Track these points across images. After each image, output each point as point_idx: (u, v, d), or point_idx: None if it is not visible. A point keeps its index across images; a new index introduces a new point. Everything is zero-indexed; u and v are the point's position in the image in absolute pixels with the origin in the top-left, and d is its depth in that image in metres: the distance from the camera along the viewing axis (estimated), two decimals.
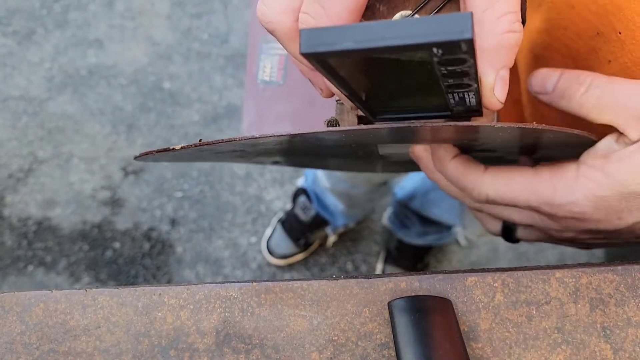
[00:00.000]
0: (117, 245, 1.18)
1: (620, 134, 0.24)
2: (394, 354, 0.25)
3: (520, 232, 0.30)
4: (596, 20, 0.27)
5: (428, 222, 0.98)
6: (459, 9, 0.21)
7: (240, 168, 1.24)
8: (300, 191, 1.11)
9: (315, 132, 0.21)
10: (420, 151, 0.28)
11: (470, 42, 0.14)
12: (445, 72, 0.17)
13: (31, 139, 1.26)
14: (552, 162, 0.26)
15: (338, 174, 0.83)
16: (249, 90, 0.37)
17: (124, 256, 1.17)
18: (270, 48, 0.37)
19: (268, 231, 1.17)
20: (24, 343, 0.26)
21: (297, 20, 0.19)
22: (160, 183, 1.22)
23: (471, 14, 0.14)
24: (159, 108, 1.29)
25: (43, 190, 1.21)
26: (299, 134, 0.20)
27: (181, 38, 1.36)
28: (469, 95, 0.19)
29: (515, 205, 0.26)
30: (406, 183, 0.98)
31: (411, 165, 0.32)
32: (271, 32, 0.21)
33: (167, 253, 1.17)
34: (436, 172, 0.28)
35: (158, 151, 0.22)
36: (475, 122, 0.21)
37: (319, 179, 0.96)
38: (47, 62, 1.33)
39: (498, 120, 0.24)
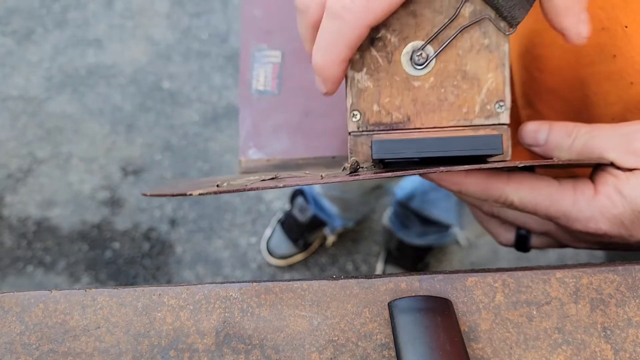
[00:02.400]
0: (116, 245, 1.18)
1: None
2: (394, 354, 0.25)
3: (534, 241, 0.31)
4: (602, 14, 0.27)
5: (428, 222, 0.98)
6: (471, 36, 0.24)
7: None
8: (298, 192, 1.11)
9: (338, 181, 0.22)
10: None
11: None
12: None
13: (30, 139, 1.26)
14: (575, 178, 0.27)
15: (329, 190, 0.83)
16: (244, 101, 0.36)
17: (124, 256, 1.17)
18: (263, 56, 0.36)
19: (267, 232, 1.17)
20: (24, 343, 0.26)
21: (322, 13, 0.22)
22: (160, 183, 1.22)
23: (501, 136, 0.22)
24: (159, 108, 1.29)
25: (42, 190, 1.21)
26: (322, 182, 0.21)
27: (181, 37, 1.36)
28: None
29: (535, 213, 0.27)
30: (405, 183, 0.98)
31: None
32: (299, 12, 0.23)
33: (167, 253, 1.17)
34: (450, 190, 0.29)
35: (173, 195, 0.22)
36: (500, 164, 0.23)
37: (313, 187, 0.95)
38: (46, 62, 1.33)
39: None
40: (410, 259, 1.12)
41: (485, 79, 0.24)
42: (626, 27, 0.26)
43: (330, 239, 1.16)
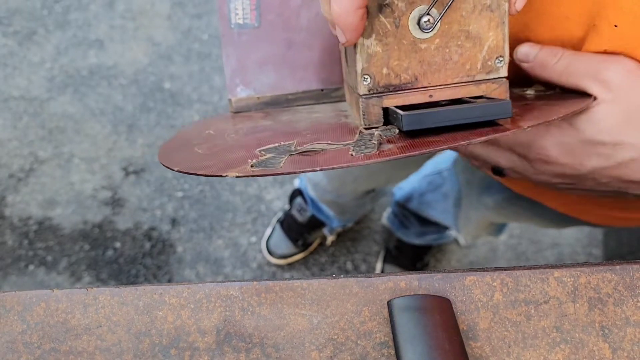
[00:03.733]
0: (117, 244, 1.18)
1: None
2: (393, 352, 0.25)
3: (506, 171, 0.35)
4: (594, 10, 0.28)
5: (426, 223, 0.99)
6: None
7: None
8: (297, 192, 1.11)
9: (372, 162, 0.22)
10: None
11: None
12: None
13: (32, 139, 1.26)
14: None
15: (323, 186, 0.83)
16: (225, 37, 0.35)
17: (125, 256, 1.17)
18: None
19: (268, 231, 1.17)
20: (25, 342, 0.26)
21: None
22: (160, 183, 1.22)
23: (510, 102, 0.24)
24: (160, 108, 1.29)
25: (44, 190, 1.21)
26: (358, 163, 0.22)
27: (181, 38, 1.36)
28: None
29: (498, 147, 0.31)
30: (404, 184, 0.98)
31: None
32: None
33: (168, 253, 1.17)
34: None
35: (207, 175, 0.22)
36: (508, 130, 0.24)
37: (308, 189, 0.95)
38: (47, 63, 1.33)
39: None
40: (410, 258, 1.12)
41: (486, 37, 0.25)
42: (616, 26, 0.27)
43: (330, 238, 1.16)
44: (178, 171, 0.23)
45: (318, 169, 0.21)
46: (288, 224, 1.12)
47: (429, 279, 0.26)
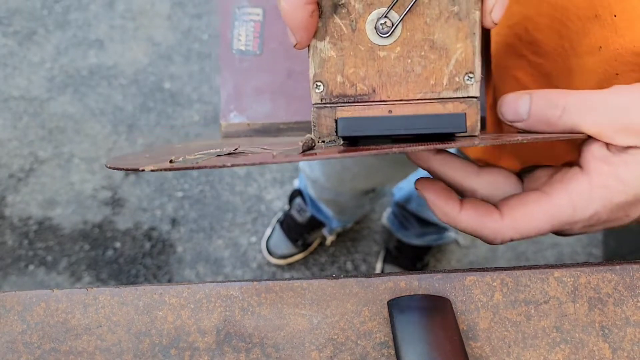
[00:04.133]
0: (117, 244, 1.18)
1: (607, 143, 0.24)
2: (393, 352, 0.25)
3: None
4: (597, 1, 0.27)
5: (426, 224, 0.99)
6: (439, 3, 0.22)
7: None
8: (297, 192, 1.11)
9: (288, 160, 0.20)
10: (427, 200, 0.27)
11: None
12: None
13: (32, 139, 1.26)
14: (561, 176, 0.25)
15: (321, 183, 0.83)
16: (224, 61, 0.35)
17: (125, 256, 1.17)
18: (243, 14, 0.35)
19: (267, 231, 1.17)
20: (25, 342, 0.26)
21: None
22: (160, 183, 1.22)
23: (464, 115, 0.22)
24: (160, 108, 1.29)
25: (44, 190, 1.21)
26: (273, 161, 0.20)
27: (181, 38, 1.36)
28: None
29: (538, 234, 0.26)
30: (404, 184, 0.98)
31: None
32: None
33: (168, 253, 1.17)
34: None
35: (128, 169, 0.21)
36: (457, 142, 0.22)
37: (307, 187, 0.95)
38: (47, 63, 1.33)
39: (483, 119, 0.25)
40: (410, 258, 1.12)
41: (454, 49, 0.23)
42: (615, 16, 0.26)
43: (329, 238, 1.16)
44: (108, 166, 0.22)
45: (229, 164, 0.19)
46: (288, 224, 1.12)
47: (429, 279, 0.26)
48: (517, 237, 0.25)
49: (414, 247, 1.10)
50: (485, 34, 0.34)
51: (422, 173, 0.89)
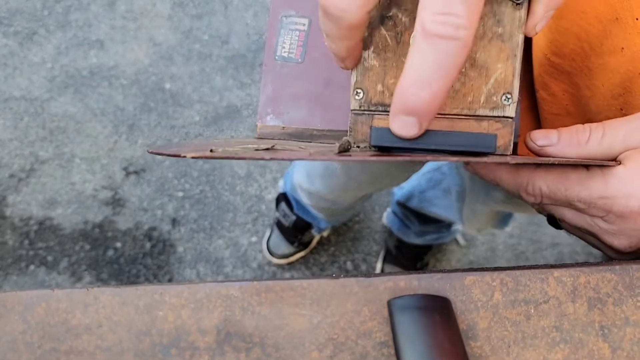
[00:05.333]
0: (118, 244, 1.18)
1: None
2: (393, 352, 0.25)
3: (565, 225, 0.30)
4: (617, 4, 0.27)
5: (427, 222, 0.99)
6: (484, 24, 0.23)
7: (241, 168, 1.24)
8: (281, 197, 1.09)
9: (325, 158, 0.21)
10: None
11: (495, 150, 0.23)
12: None
13: (33, 139, 1.26)
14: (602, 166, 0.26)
15: (321, 195, 0.83)
16: (267, 66, 0.36)
17: (125, 256, 1.17)
18: (290, 23, 0.36)
19: (267, 232, 1.17)
20: (26, 342, 0.26)
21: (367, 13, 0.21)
22: (161, 183, 1.23)
23: (495, 136, 0.23)
24: (160, 108, 1.29)
25: (44, 190, 1.22)
26: (309, 158, 0.21)
27: (182, 39, 1.36)
28: None
29: (568, 204, 0.27)
30: (404, 183, 0.98)
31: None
32: (336, 18, 0.21)
33: (168, 252, 1.17)
34: (488, 180, 0.29)
35: (169, 155, 0.21)
36: (490, 158, 0.22)
37: (300, 196, 0.94)
38: (48, 63, 1.34)
39: (516, 124, 0.26)
40: (410, 258, 1.12)
41: (494, 68, 0.23)
42: (637, 19, 0.26)
43: (326, 233, 1.16)
44: (149, 151, 0.23)
45: (268, 157, 0.20)
46: (281, 227, 1.12)
47: (429, 278, 0.26)
48: (546, 190, 0.27)
49: (414, 246, 1.10)
50: (528, 56, 0.35)
51: (421, 171, 0.89)
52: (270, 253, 1.15)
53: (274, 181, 1.23)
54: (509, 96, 0.23)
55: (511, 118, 0.24)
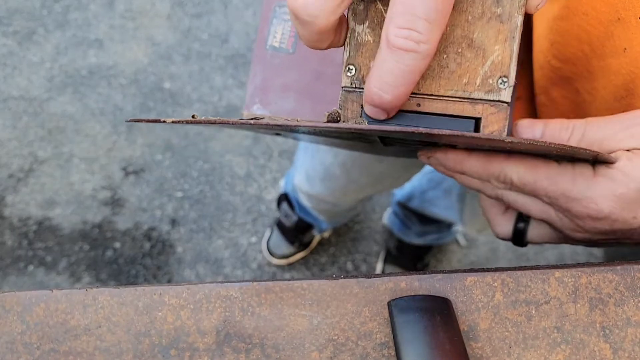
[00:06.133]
0: (117, 245, 1.18)
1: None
2: (393, 353, 0.25)
3: (531, 233, 0.31)
4: (619, 4, 0.27)
5: (428, 222, 0.98)
6: (483, 3, 0.22)
7: (240, 168, 1.24)
8: (283, 197, 1.09)
9: (313, 125, 0.21)
10: (425, 158, 0.29)
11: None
12: None
13: (31, 139, 1.26)
14: (572, 161, 0.26)
15: (321, 197, 0.82)
16: (258, 55, 0.35)
17: (125, 256, 1.17)
18: (283, 13, 0.35)
19: (267, 232, 1.17)
20: (25, 343, 0.26)
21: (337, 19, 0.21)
22: (160, 183, 1.22)
23: (474, 121, 0.23)
24: (160, 108, 1.29)
25: (43, 190, 1.21)
26: (296, 125, 0.20)
27: (181, 38, 1.36)
28: None
29: (534, 195, 0.27)
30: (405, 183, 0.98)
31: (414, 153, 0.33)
32: (306, 23, 0.21)
33: (168, 253, 1.17)
34: (453, 171, 0.29)
35: (149, 121, 0.21)
36: (487, 134, 0.22)
37: (300, 198, 0.94)
38: (47, 62, 1.33)
39: (511, 115, 0.25)
40: (410, 258, 1.12)
41: (491, 50, 0.22)
42: None
43: (326, 234, 1.16)
44: (127, 121, 0.22)
45: (252, 122, 0.19)
46: (281, 227, 1.12)
47: (430, 279, 0.26)
48: (516, 180, 0.27)
49: (414, 247, 1.10)
50: (529, 58, 0.34)
51: (422, 171, 0.89)
52: (271, 253, 1.15)
53: (274, 181, 1.23)
54: (505, 80, 0.23)
55: (507, 103, 0.23)
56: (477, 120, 0.23)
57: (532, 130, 0.27)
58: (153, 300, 0.26)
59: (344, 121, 0.24)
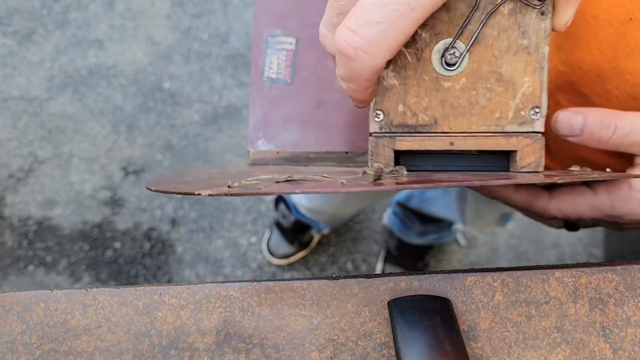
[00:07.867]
0: (117, 245, 1.18)
1: None
2: (393, 353, 0.25)
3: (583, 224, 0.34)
4: (631, 5, 0.27)
5: (428, 222, 0.98)
6: (508, 36, 0.22)
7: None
8: (279, 198, 1.09)
9: (360, 189, 0.19)
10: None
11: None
12: None
13: (31, 139, 1.26)
14: (606, 182, 0.29)
15: (321, 210, 0.82)
16: (255, 88, 0.35)
17: (125, 256, 1.17)
18: (277, 42, 0.35)
19: (267, 232, 1.17)
20: (25, 343, 0.26)
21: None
22: None
23: (507, 156, 0.24)
24: (159, 108, 1.29)
25: (43, 190, 1.21)
26: (342, 190, 0.19)
27: (181, 38, 1.36)
28: None
29: (580, 219, 0.31)
30: None
31: None
32: (354, 64, 0.20)
33: (168, 253, 1.17)
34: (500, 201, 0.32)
35: (181, 193, 0.19)
36: (523, 177, 0.22)
37: (300, 209, 0.93)
38: (47, 62, 1.33)
39: None
40: (410, 258, 1.12)
41: (521, 82, 0.22)
42: None
43: (325, 231, 1.16)
44: (153, 190, 0.21)
45: (298, 191, 0.18)
46: (280, 227, 1.12)
47: (430, 279, 0.26)
48: (560, 216, 0.30)
49: (414, 246, 1.10)
50: None
51: None
52: (271, 253, 1.15)
53: None
54: (537, 110, 0.23)
55: (541, 133, 0.23)
56: (509, 154, 0.24)
57: (570, 126, 0.27)
58: (153, 300, 0.26)
59: (380, 170, 0.23)
